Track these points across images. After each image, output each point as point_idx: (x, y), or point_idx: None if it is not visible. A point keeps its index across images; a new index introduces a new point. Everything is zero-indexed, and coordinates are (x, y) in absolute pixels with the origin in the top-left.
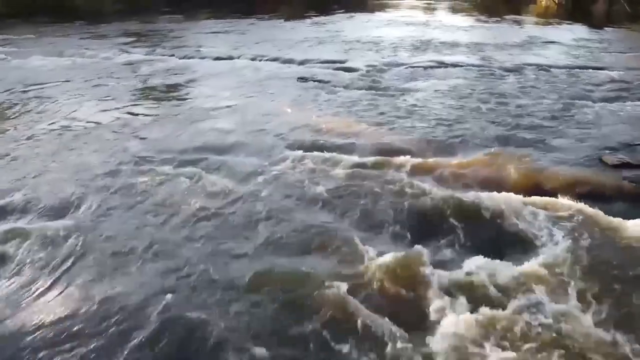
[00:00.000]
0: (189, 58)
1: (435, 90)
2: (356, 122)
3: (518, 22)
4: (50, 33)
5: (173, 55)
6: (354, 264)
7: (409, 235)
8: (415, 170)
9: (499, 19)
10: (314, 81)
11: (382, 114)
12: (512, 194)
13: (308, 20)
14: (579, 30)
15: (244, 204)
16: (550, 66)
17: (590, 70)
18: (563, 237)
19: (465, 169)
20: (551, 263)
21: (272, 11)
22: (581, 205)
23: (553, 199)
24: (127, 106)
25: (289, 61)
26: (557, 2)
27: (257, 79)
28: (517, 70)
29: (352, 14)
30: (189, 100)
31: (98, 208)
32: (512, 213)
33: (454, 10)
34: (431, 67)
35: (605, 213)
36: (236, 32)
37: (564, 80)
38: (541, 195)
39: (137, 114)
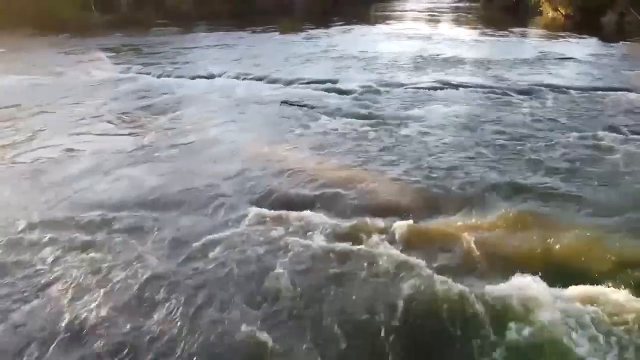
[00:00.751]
0: (166, 76)
1: (436, 121)
2: (339, 167)
3: (526, 36)
4: (26, 47)
5: (149, 73)
6: None
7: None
8: (407, 239)
9: (506, 32)
10: (299, 106)
11: (370, 154)
12: (536, 281)
13: (303, 34)
14: (593, 45)
15: (173, 301)
16: (568, 88)
17: (612, 92)
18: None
19: (471, 239)
20: None
21: (268, 23)
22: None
23: (595, 288)
24: (67, 140)
25: (275, 81)
26: (564, 14)
27: (234, 103)
28: (530, 92)
29: (352, 27)
30: (143, 133)
31: None
32: (540, 315)
33: (458, 22)
34: (433, 88)
35: None
36: (225, 47)
37: (586, 107)
38: (578, 283)
39: (75, 151)
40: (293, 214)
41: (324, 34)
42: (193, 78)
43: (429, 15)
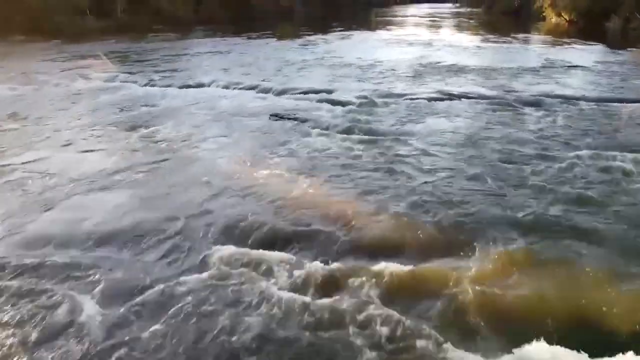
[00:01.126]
0: (152, 85)
1: (435, 139)
2: (324, 195)
3: (530, 42)
4: (14, 53)
5: (135, 82)
6: None
7: None
8: (398, 290)
9: (509, 38)
10: (289, 119)
11: (361, 181)
12: (561, 352)
13: (300, 40)
14: (599, 52)
15: None
16: (578, 99)
17: (627, 104)
18: None
19: (475, 290)
20: None
21: (265, 29)
22: None
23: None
24: (24, 160)
25: (266, 90)
26: (568, 19)
27: (220, 116)
28: (538, 103)
29: (351, 33)
30: (110, 153)
31: None
32: None
33: (460, 27)
34: (434, 99)
35: None
36: (218, 54)
37: (599, 121)
38: (612, 353)
39: (28, 173)
40: (267, 255)
41: (321, 40)
42: (181, 87)
43: (430, 20)
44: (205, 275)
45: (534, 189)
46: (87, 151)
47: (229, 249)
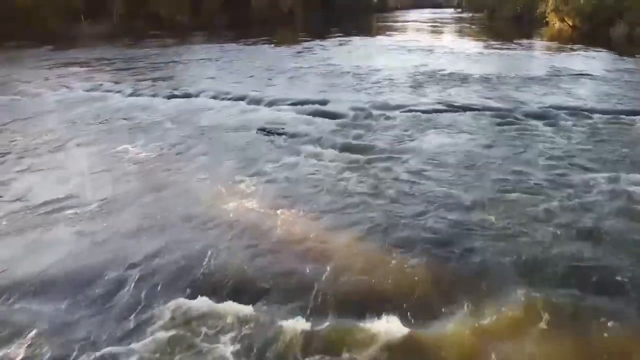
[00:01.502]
0: (137, 95)
1: (434, 160)
2: (306, 231)
3: (534, 48)
4: (1, 61)
5: (120, 91)
6: None
7: None
8: (385, 354)
9: (512, 44)
10: (277, 134)
11: (349, 212)
12: None
13: (297, 46)
14: (606, 59)
15: None
16: (589, 111)
17: None
18: None
19: (473, 356)
20: None
21: (263, 35)
22: None
23: None
24: None
25: (256, 101)
26: (571, 24)
27: (204, 130)
28: (545, 116)
29: (350, 38)
30: (71, 177)
31: None
32: None
33: (462, 33)
34: (435, 111)
35: None
36: (210, 61)
37: (614, 137)
38: None
39: None
40: (231, 310)
41: (319, 46)
42: (167, 98)
43: (431, 26)
44: (153, 339)
45: (544, 223)
46: (46, 173)
47: (186, 303)
